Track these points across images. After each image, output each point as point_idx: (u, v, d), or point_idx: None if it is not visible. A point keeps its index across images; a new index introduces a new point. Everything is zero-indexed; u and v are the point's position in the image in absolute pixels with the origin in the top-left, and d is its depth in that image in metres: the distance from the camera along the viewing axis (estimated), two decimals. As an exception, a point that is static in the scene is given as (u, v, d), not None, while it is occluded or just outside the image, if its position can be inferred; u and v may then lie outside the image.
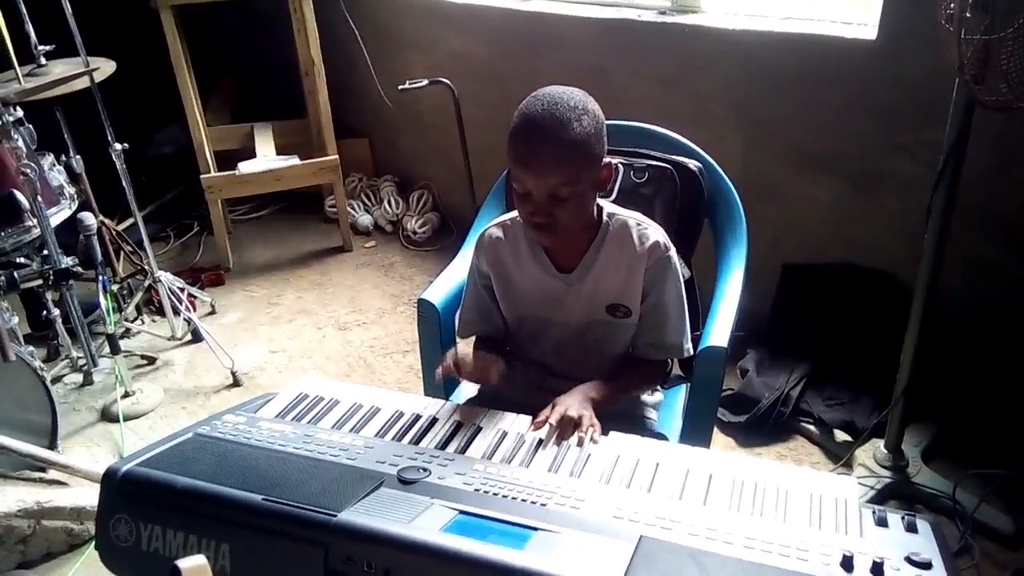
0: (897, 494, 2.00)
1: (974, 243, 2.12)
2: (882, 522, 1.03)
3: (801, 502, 1.06)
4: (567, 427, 1.23)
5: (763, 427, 2.25)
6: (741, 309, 1.58)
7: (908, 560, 0.94)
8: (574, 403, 1.28)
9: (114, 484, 1.12)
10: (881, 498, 1.97)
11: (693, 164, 1.70)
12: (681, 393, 1.69)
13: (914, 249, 1.90)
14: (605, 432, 1.25)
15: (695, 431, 1.52)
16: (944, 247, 1.84)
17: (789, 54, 2.33)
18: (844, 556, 0.92)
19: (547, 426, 1.24)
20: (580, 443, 1.21)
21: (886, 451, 2.06)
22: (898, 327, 1.97)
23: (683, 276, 1.62)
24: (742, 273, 1.65)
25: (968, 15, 1.44)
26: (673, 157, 1.70)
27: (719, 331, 1.50)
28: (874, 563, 0.91)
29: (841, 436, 2.20)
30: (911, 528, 1.01)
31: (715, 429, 2.28)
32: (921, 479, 2.01)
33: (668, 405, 1.64)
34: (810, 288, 2.47)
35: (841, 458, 2.12)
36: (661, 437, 1.47)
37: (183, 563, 0.72)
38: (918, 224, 1.84)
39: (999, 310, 2.19)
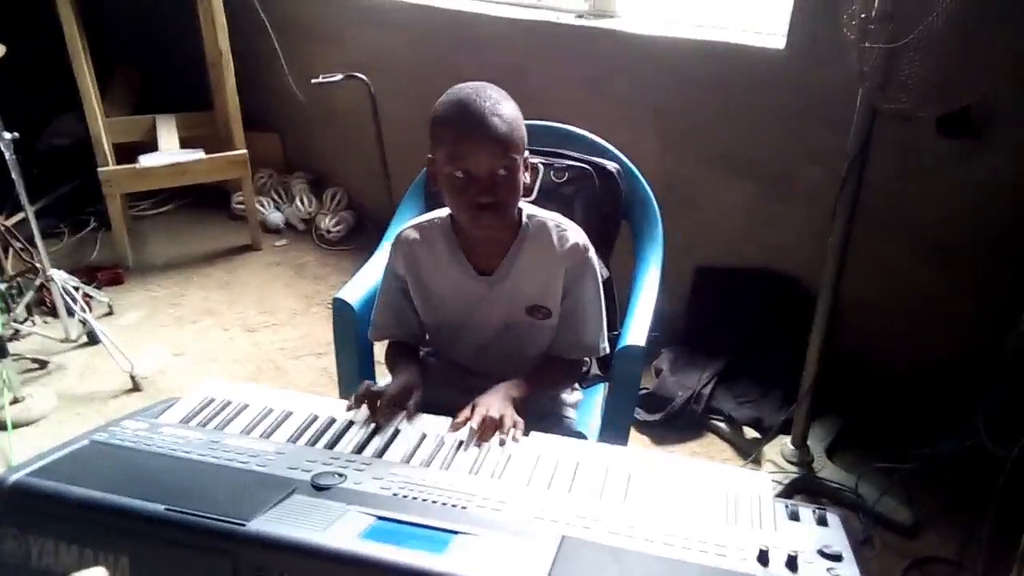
0: (803, 488, 2.07)
1: (877, 247, 2.22)
2: (795, 516, 1.05)
3: (717, 498, 1.07)
4: (488, 428, 1.21)
5: (677, 425, 2.30)
6: (657, 310, 1.60)
7: (820, 553, 0.96)
8: (495, 403, 1.27)
9: (2, 496, 1.03)
10: (788, 493, 2.04)
11: (611, 165, 1.72)
12: (599, 392, 1.70)
13: (822, 253, 1.97)
14: (526, 432, 1.24)
15: (613, 429, 1.53)
16: (846, 251, 1.92)
17: (703, 61, 2.39)
18: (760, 551, 0.94)
19: (467, 428, 1.22)
20: (502, 443, 1.20)
21: (792, 447, 2.13)
22: (805, 328, 2.05)
23: (602, 276, 1.64)
24: (658, 273, 1.68)
25: (872, 25, 1.51)
26: (592, 158, 1.72)
27: (636, 330, 1.52)
28: (789, 557, 0.93)
29: (750, 433, 2.27)
30: (822, 522, 1.04)
31: (632, 428, 2.32)
32: (826, 474, 2.09)
33: (586, 404, 1.65)
34: (722, 290, 2.54)
35: (751, 454, 2.19)
36: (580, 436, 1.48)
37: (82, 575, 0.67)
38: (826, 229, 1.92)
39: (900, 312, 2.31)
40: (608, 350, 1.47)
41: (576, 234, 1.41)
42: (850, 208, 1.85)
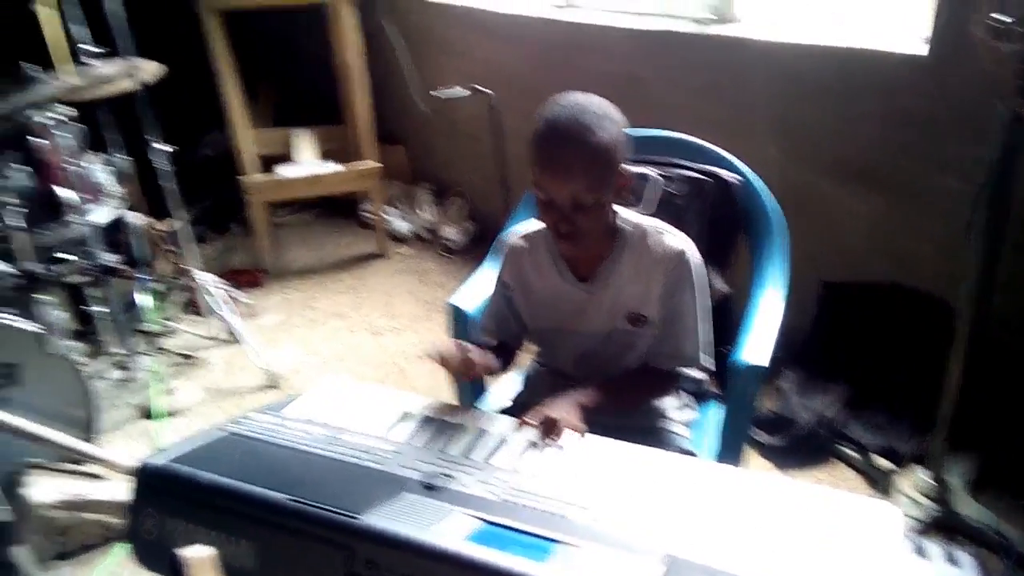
0: (939, 525, 1.93)
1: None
2: (921, 552, 0.99)
3: (838, 527, 1.02)
4: (547, 429, 1.22)
5: (801, 450, 2.20)
6: (780, 326, 1.55)
7: (947, 592, 0.90)
8: (559, 406, 1.27)
9: (145, 478, 1.13)
10: (922, 529, 1.91)
11: (731, 177, 1.68)
12: (715, 412, 1.66)
13: (961, 268, 1.84)
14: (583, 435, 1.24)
15: (729, 451, 1.49)
16: (992, 267, 1.78)
17: (831, 67, 2.29)
18: (879, 583, 0.89)
19: (528, 429, 1.24)
20: (557, 444, 1.21)
21: (929, 480, 1.99)
22: (944, 350, 1.91)
23: (720, 291, 1.60)
24: (781, 290, 1.62)
25: (1016, 28, 1.40)
26: (710, 168, 1.69)
27: (758, 349, 1.48)
28: (910, 592, 0.88)
29: (882, 462, 2.14)
30: (952, 560, 0.97)
31: (751, 451, 2.24)
32: (966, 510, 1.94)
33: (701, 424, 1.61)
34: (851, 307, 2.41)
35: (881, 485, 2.06)
36: (690, 455, 1.45)
37: (187, 552, 0.71)
38: (964, 245, 1.79)
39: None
40: (710, 364, 1.43)
41: (676, 239, 1.39)
42: (991, 221, 1.72)
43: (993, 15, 1.44)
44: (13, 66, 2.33)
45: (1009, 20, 1.44)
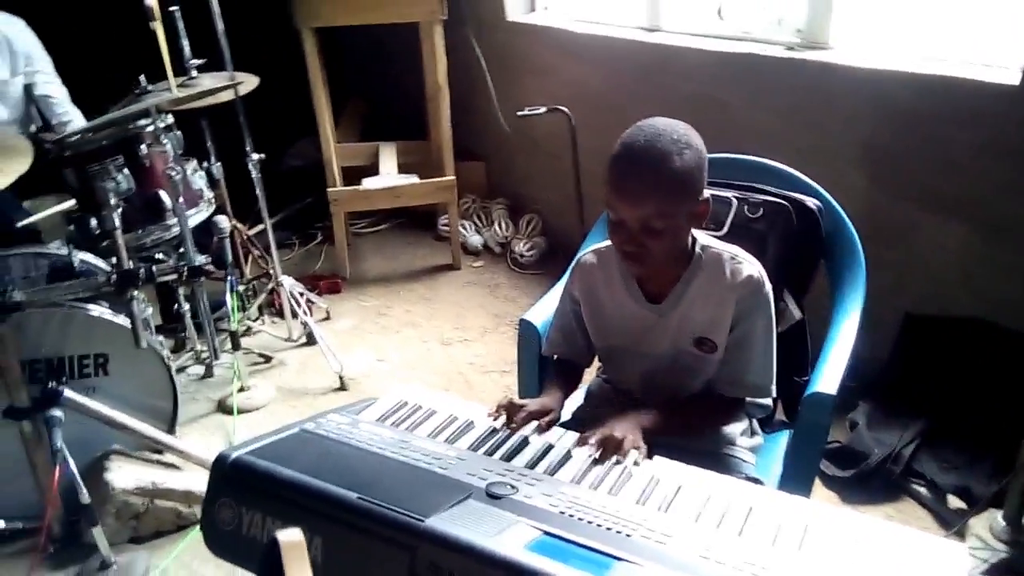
0: (1013, 570, 1.84)
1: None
2: (991, 595, 0.96)
3: (903, 565, 1.00)
4: (608, 447, 1.23)
5: (870, 484, 2.13)
6: (855, 357, 1.52)
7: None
8: (620, 425, 1.28)
9: (222, 469, 1.19)
10: (996, 573, 1.83)
11: (812, 202, 1.66)
12: (783, 439, 1.64)
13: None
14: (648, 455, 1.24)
15: (795, 480, 1.46)
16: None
17: (923, 94, 2.23)
18: (945, 625, 0.87)
19: (589, 446, 1.24)
20: (619, 462, 1.21)
21: (1004, 523, 1.91)
22: (1028, 391, 1.84)
23: (794, 317, 1.58)
24: (858, 319, 1.59)
25: None
26: (791, 194, 1.67)
27: (829, 377, 1.45)
28: (978, 636, 0.85)
29: (955, 503, 2.06)
30: (1023, 604, 0.94)
31: (818, 482, 2.19)
32: (1043, 557, 1.86)
33: (768, 451, 1.59)
34: (933, 341, 2.33)
35: (953, 526, 1.98)
36: (756, 482, 1.43)
37: (282, 535, 0.76)
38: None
39: None
40: (774, 394, 1.41)
41: (751, 266, 1.38)
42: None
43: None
44: (131, 78, 2.49)
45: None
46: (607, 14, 3.23)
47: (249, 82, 2.69)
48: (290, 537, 0.76)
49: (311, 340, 2.99)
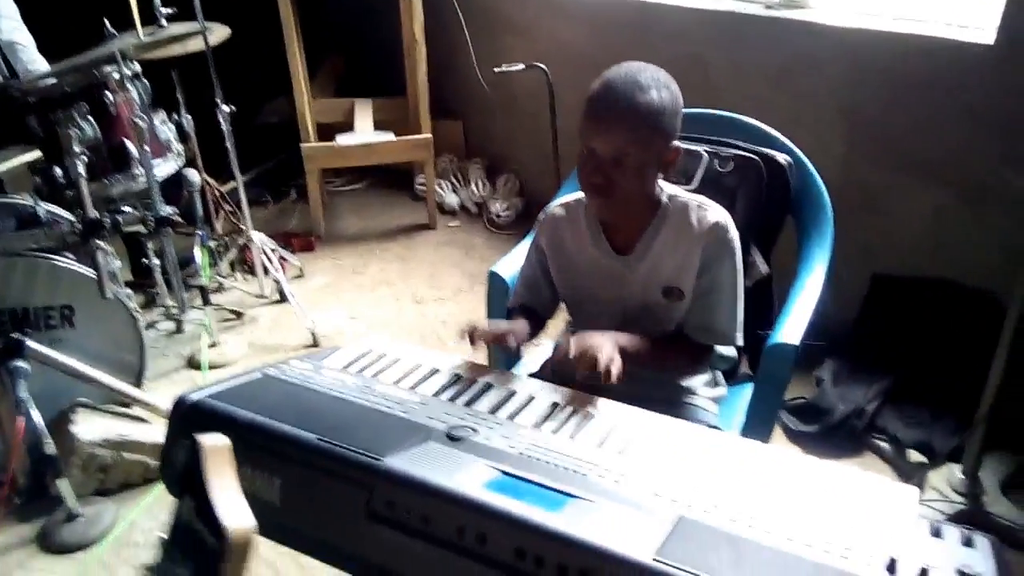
0: (969, 522, 1.86)
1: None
2: (937, 533, 0.98)
3: (852, 502, 1.02)
4: (585, 358, 1.22)
5: (833, 439, 2.17)
6: (823, 316, 1.53)
7: (959, 572, 0.89)
8: (598, 339, 1.26)
9: (182, 411, 1.18)
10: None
11: (782, 157, 1.66)
12: (746, 392, 1.65)
13: (1018, 269, 1.79)
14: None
15: (755, 430, 1.48)
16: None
17: (900, 56, 2.23)
18: (890, 559, 0.89)
19: (569, 348, 1.24)
20: (606, 377, 1.21)
21: (962, 477, 1.95)
22: (990, 349, 1.87)
23: (761, 271, 1.59)
24: (823, 273, 1.60)
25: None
26: (762, 149, 1.67)
27: (791, 329, 1.47)
28: (920, 570, 0.87)
29: (916, 457, 2.10)
30: (967, 543, 0.97)
31: (782, 437, 2.23)
32: (997, 509, 1.90)
33: (731, 402, 1.61)
34: (899, 301, 2.36)
35: (913, 479, 2.03)
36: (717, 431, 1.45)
37: (205, 438, 0.75)
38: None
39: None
40: (741, 341, 1.42)
41: (717, 213, 1.38)
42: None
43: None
44: (95, 23, 2.42)
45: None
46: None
47: (219, 32, 2.63)
48: (214, 441, 0.75)
49: (283, 297, 2.97)
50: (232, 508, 0.73)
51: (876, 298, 2.41)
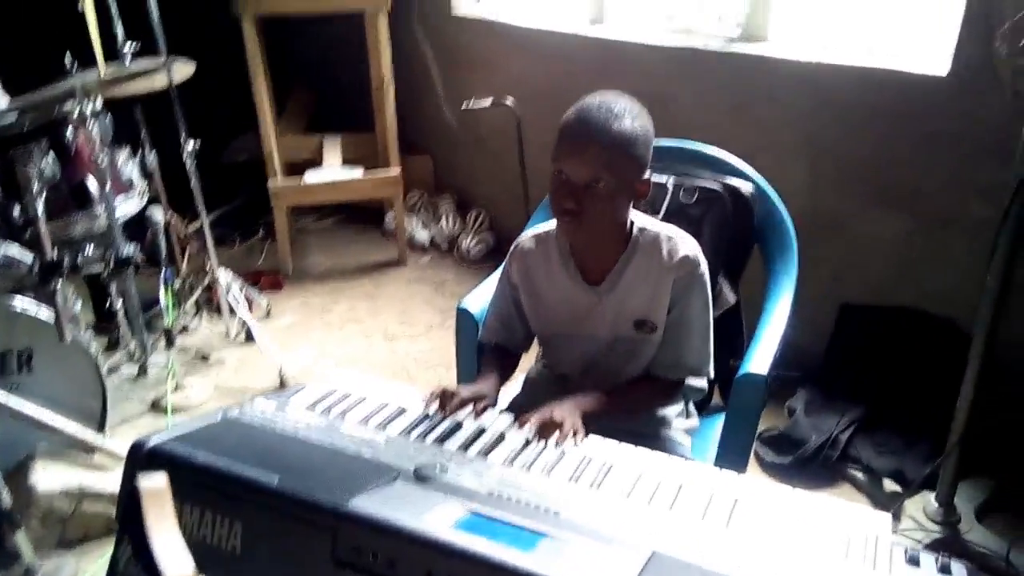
0: (946, 550, 1.87)
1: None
2: (913, 561, 0.97)
3: (828, 533, 1.01)
4: (547, 429, 1.22)
5: (808, 470, 2.16)
6: (794, 346, 1.53)
7: (938, 602, 0.88)
8: (560, 409, 1.27)
9: (139, 457, 1.14)
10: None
11: (746, 187, 1.67)
12: (718, 423, 1.64)
13: (979, 294, 1.81)
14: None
15: (729, 461, 1.47)
16: (1007, 292, 1.75)
17: (859, 87, 2.28)
18: (867, 591, 0.87)
19: (528, 425, 1.24)
20: (557, 443, 1.20)
21: (937, 504, 1.95)
22: (958, 376, 1.88)
23: (729, 301, 1.59)
24: (790, 302, 1.60)
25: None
26: (726, 180, 1.68)
27: (760, 358, 1.46)
28: (899, 601, 0.86)
29: (890, 486, 2.10)
30: (944, 570, 0.96)
31: (757, 469, 2.22)
32: (973, 536, 1.90)
33: (704, 434, 1.60)
34: (868, 330, 2.38)
35: (889, 508, 2.01)
36: (691, 462, 1.43)
37: (144, 479, 0.71)
38: (987, 270, 1.76)
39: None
40: (712, 374, 1.42)
41: (687, 246, 1.38)
42: (1012, 244, 1.69)
43: (1007, 31, 1.42)
44: (56, 59, 2.39)
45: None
46: (553, 8, 3.23)
47: (184, 68, 2.61)
48: (152, 483, 0.71)
49: (250, 338, 2.91)
50: (171, 553, 0.69)
51: (845, 327, 2.42)
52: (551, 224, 1.47)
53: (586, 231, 1.33)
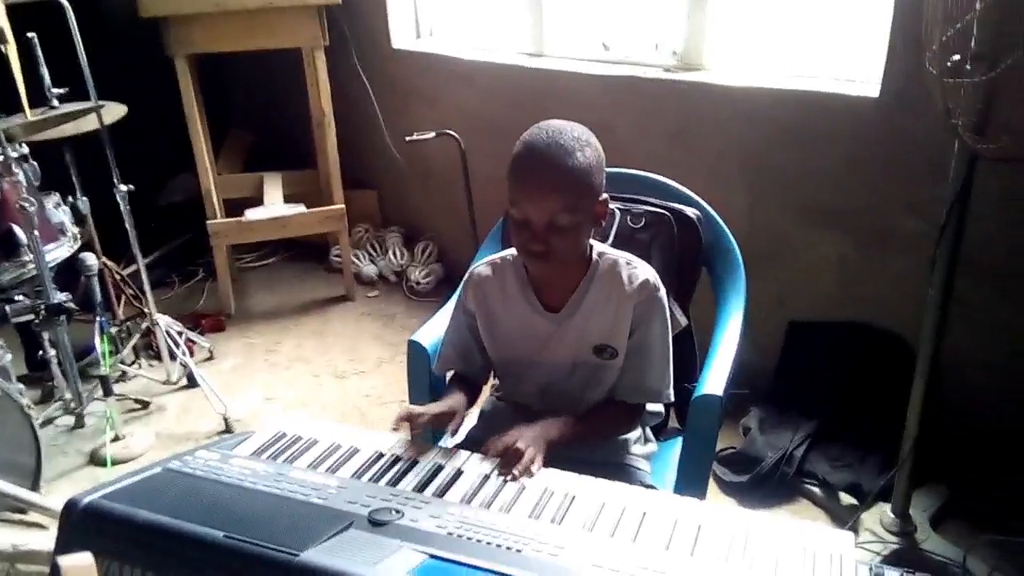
0: (904, 561, 1.90)
1: (982, 301, 2.07)
2: (880, 578, 0.96)
3: (794, 556, 1.00)
4: (509, 459, 1.20)
5: (765, 487, 2.17)
6: (745, 367, 1.54)
7: (905, 619, 0.87)
8: (524, 437, 1.24)
9: (74, 516, 1.07)
10: (888, 564, 1.88)
11: (691, 212, 1.69)
12: (676, 446, 1.63)
13: (922, 308, 1.85)
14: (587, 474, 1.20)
15: (690, 484, 1.46)
16: (948, 305, 1.80)
17: (794, 110, 2.33)
18: (837, 613, 0.86)
19: (491, 451, 1.22)
20: (514, 478, 1.18)
21: (893, 515, 1.97)
22: (906, 387, 1.91)
23: (680, 324, 1.59)
24: (740, 322, 1.61)
25: (967, 65, 1.43)
26: (671, 204, 1.69)
27: (714, 380, 1.46)
28: (869, 621, 0.85)
29: (847, 499, 2.12)
30: (911, 586, 0.95)
31: (715, 489, 2.22)
32: (930, 545, 1.92)
33: (662, 458, 1.58)
34: (816, 346, 2.41)
35: (847, 522, 2.04)
36: (652, 489, 1.41)
37: (65, 560, 0.66)
38: (926, 283, 1.80)
39: (1008, 368, 2.13)
40: (672, 398, 1.41)
41: (646, 272, 1.38)
42: (950, 259, 1.74)
43: (937, 51, 1.47)
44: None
45: (959, 58, 1.47)
46: (493, 40, 3.25)
47: (115, 110, 2.54)
48: (76, 562, 0.66)
49: (192, 382, 2.82)
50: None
51: (794, 344, 2.46)
52: (507, 252, 1.45)
53: (555, 267, 1.32)
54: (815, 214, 2.40)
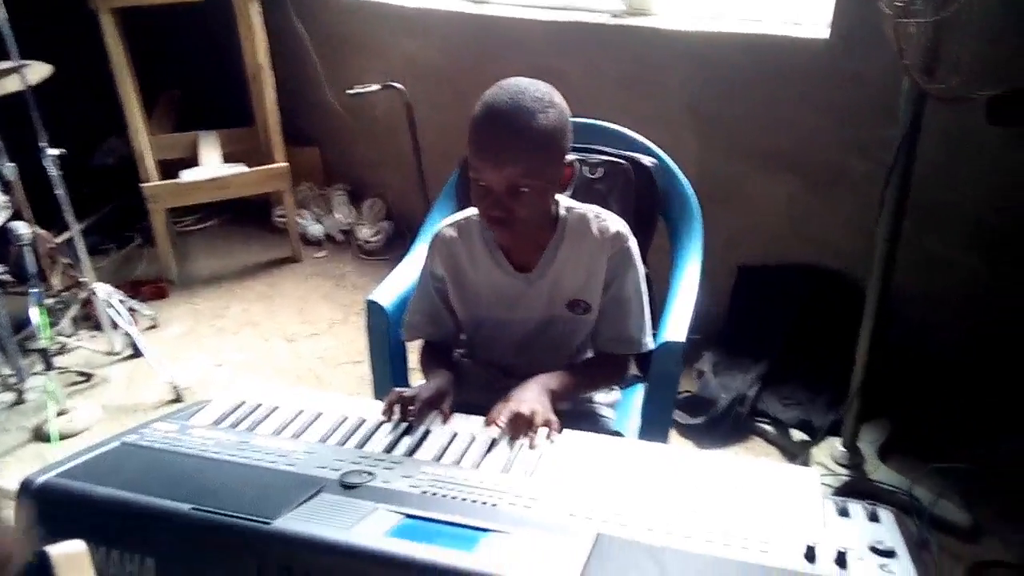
0: (855, 492, 1.98)
1: (928, 239, 2.13)
2: (844, 512, 1.00)
3: (762, 495, 1.02)
4: (519, 426, 1.17)
5: (720, 428, 2.23)
6: (697, 311, 1.55)
7: (872, 549, 0.91)
8: (528, 398, 1.22)
9: (30, 496, 1.03)
10: (839, 496, 1.96)
11: (647, 160, 1.68)
12: (638, 393, 1.65)
13: (870, 248, 1.89)
14: (560, 430, 1.20)
15: (653, 430, 1.48)
16: (896, 243, 1.84)
17: (743, 54, 2.33)
18: (807, 547, 0.88)
19: (499, 426, 1.18)
20: (532, 446, 1.14)
21: (843, 449, 2.05)
22: (854, 326, 1.97)
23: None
24: (698, 269, 1.62)
25: (915, 5, 1.44)
26: (627, 153, 1.68)
27: (675, 327, 1.47)
28: (838, 553, 0.88)
29: (798, 435, 2.19)
30: (873, 518, 0.99)
31: (673, 432, 2.26)
32: (878, 476, 2.01)
33: (624, 405, 1.60)
34: (766, 289, 2.46)
35: (798, 457, 2.11)
36: (617, 435, 1.43)
37: (55, 548, 0.63)
38: (874, 223, 1.84)
39: (953, 303, 2.21)
40: (652, 345, 1.42)
41: (616, 223, 1.37)
42: (898, 199, 1.77)
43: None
44: None
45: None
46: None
47: (39, 70, 2.39)
48: (67, 549, 0.63)
49: (137, 352, 2.73)
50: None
51: (744, 288, 2.50)
52: (470, 212, 1.41)
53: (519, 231, 1.29)
54: (765, 157, 2.42)
